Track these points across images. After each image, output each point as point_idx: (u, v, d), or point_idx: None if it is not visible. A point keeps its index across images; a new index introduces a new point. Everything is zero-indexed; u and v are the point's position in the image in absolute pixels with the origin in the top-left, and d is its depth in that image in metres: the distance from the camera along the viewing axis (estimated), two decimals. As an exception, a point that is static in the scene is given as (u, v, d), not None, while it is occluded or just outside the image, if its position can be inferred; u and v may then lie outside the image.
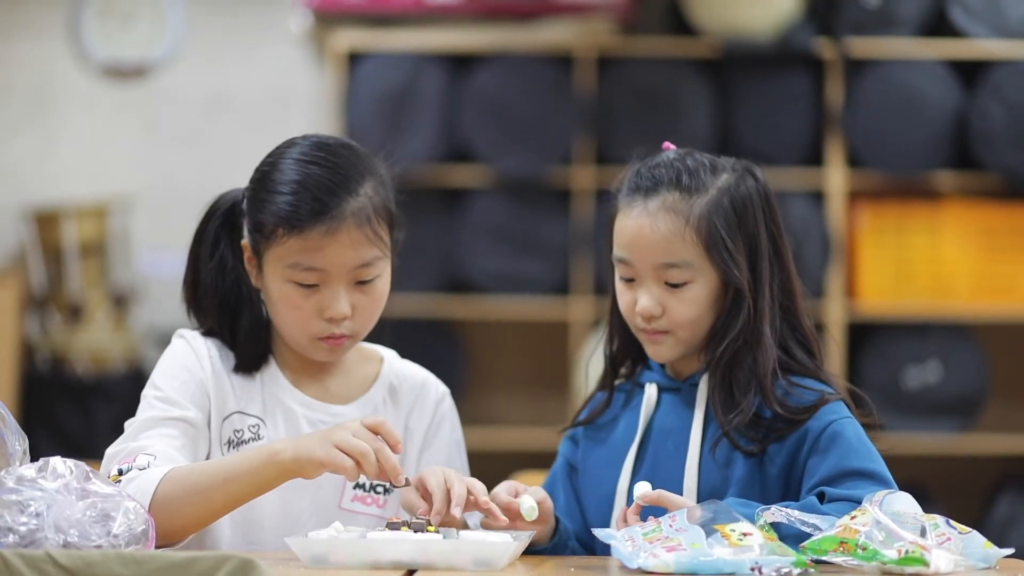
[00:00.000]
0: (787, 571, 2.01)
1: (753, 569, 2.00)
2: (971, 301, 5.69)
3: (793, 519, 2.14)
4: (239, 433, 2.45)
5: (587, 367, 2.65)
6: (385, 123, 5.65)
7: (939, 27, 5.73)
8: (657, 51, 5.75)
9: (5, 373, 5.96)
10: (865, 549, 2.05)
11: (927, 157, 5.68)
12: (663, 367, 2.49)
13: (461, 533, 2.23)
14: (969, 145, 5.65)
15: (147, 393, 2.42)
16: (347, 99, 5.72)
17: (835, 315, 5.60)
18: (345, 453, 2.18)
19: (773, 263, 2.43)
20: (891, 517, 2.09)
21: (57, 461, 2.04)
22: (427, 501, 2.26)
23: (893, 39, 5.70)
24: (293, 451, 2.21)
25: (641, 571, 2.05)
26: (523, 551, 2.23)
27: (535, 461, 4.44)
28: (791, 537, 2.12)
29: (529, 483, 2.43)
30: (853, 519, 2.09)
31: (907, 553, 2.04)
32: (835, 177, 5.70)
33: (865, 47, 5.68)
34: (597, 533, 2.18)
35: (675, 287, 2.39)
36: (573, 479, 2.55)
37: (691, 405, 2.43)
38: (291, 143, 2.44)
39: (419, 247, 5.46)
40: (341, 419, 2.46)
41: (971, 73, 5.68)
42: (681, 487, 2.37)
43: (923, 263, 5.69)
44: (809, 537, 2.11)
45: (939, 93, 5.66)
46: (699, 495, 2.36)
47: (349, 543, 2.14)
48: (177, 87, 6.36)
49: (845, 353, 5.65)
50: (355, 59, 5.78)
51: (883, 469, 2.32)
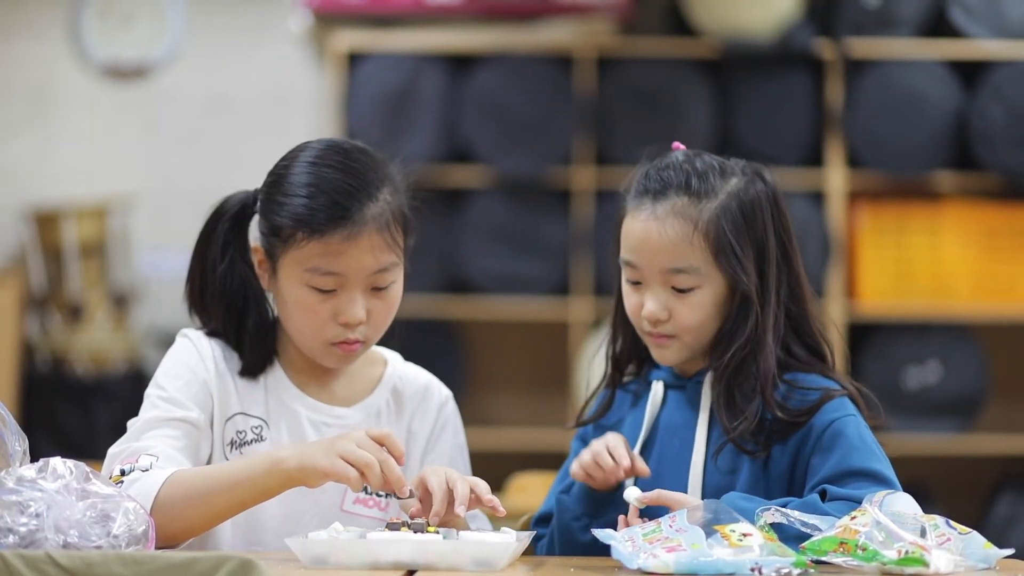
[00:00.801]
0: (787, 571, 2.00)
1: (753, 569, 2.00)
2: (971, 301, 5.69)
3: (793, 520, 2.14)
4: (242, 434, 2.44)
5: (588, 368, 2.64)
6: (385, 123, 5.64)
7: (939, 27, 5.73)
8: (657, 51, 5.75)
9: (5, 373, 5.96)
10: (865, 550, 2.05)
11: (927, 157, 5.68)
12: (669, 365, 2.48)
13: (461, 533, 2.22)
14: (969, 145, 5.65)
15: (150, 392, 2.42)
16: (347, 99, 5.71)
17: (835, 315, 5.59)
18: (350, 464, 2.17)
19: (781, 267, 2.41)
20: (891, 517, 2.08)
21: (57, 462, 2.04)
22: (428, 500, 2.26)
23: (893, 39, 5.70)
24: (297, 460, 2.20)
25: (641, 571, 2.05)
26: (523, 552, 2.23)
27: (535, 461, 4.44)
28: (791, 537, 2.11)
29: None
30: (853, 520, 2.09)
31: (907, 554, 2.03)
32: (835, 177, 5.70)
33: (865, 47, 5.68)
34: (597, 534, 2.17)
35: (682, 292, 2.37)
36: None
37: (696, 403, 2.42)
38: (305, 146, 2.42)
39: (419, 247, 5.44)
40: (344, 421, 2.46)
41: (971, 73, 5.68)
42: (686, 486, 2.37)
43: (923, 263, 5.69)
44: (809, 537, 2.11)
45: (939, 93, 5.66)
46: (704, 494, 2.35)
47: (349, 544, 2.13)
48: (177, 87, 6.36)
49: (845, 353, 5.64)
50: (355, 59, 5.77)
51: (885, 468, 2.31)
